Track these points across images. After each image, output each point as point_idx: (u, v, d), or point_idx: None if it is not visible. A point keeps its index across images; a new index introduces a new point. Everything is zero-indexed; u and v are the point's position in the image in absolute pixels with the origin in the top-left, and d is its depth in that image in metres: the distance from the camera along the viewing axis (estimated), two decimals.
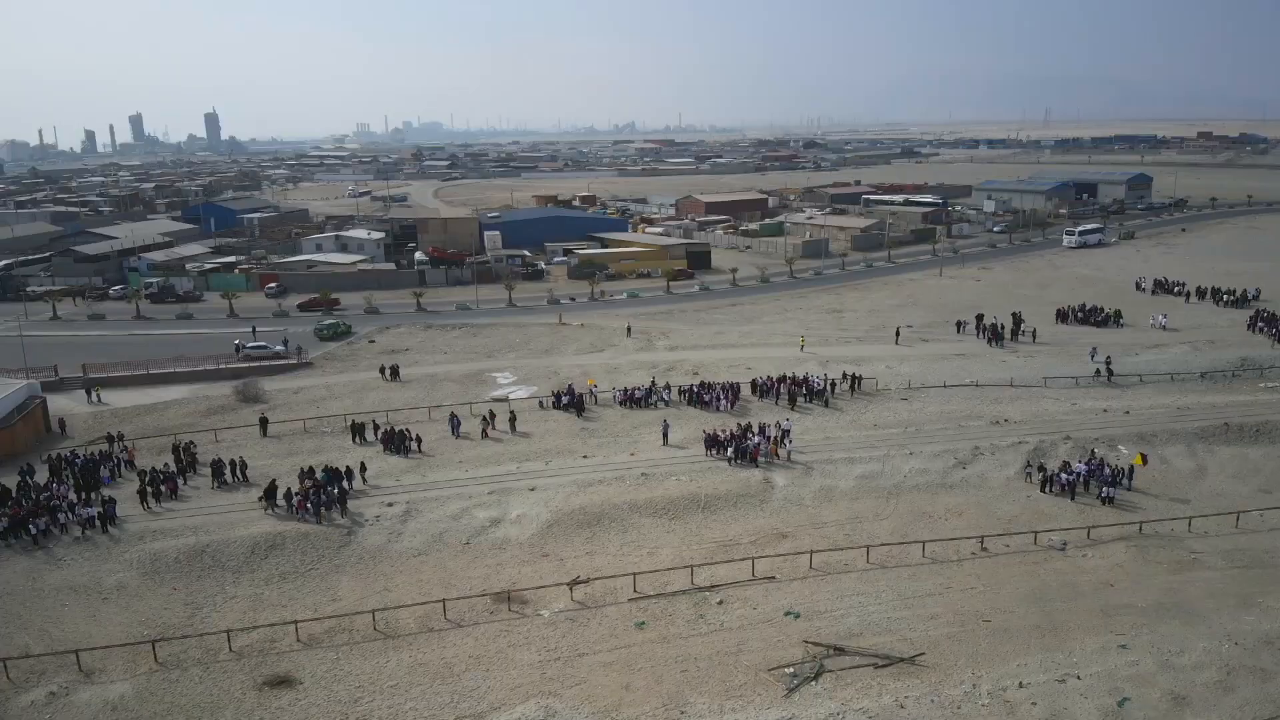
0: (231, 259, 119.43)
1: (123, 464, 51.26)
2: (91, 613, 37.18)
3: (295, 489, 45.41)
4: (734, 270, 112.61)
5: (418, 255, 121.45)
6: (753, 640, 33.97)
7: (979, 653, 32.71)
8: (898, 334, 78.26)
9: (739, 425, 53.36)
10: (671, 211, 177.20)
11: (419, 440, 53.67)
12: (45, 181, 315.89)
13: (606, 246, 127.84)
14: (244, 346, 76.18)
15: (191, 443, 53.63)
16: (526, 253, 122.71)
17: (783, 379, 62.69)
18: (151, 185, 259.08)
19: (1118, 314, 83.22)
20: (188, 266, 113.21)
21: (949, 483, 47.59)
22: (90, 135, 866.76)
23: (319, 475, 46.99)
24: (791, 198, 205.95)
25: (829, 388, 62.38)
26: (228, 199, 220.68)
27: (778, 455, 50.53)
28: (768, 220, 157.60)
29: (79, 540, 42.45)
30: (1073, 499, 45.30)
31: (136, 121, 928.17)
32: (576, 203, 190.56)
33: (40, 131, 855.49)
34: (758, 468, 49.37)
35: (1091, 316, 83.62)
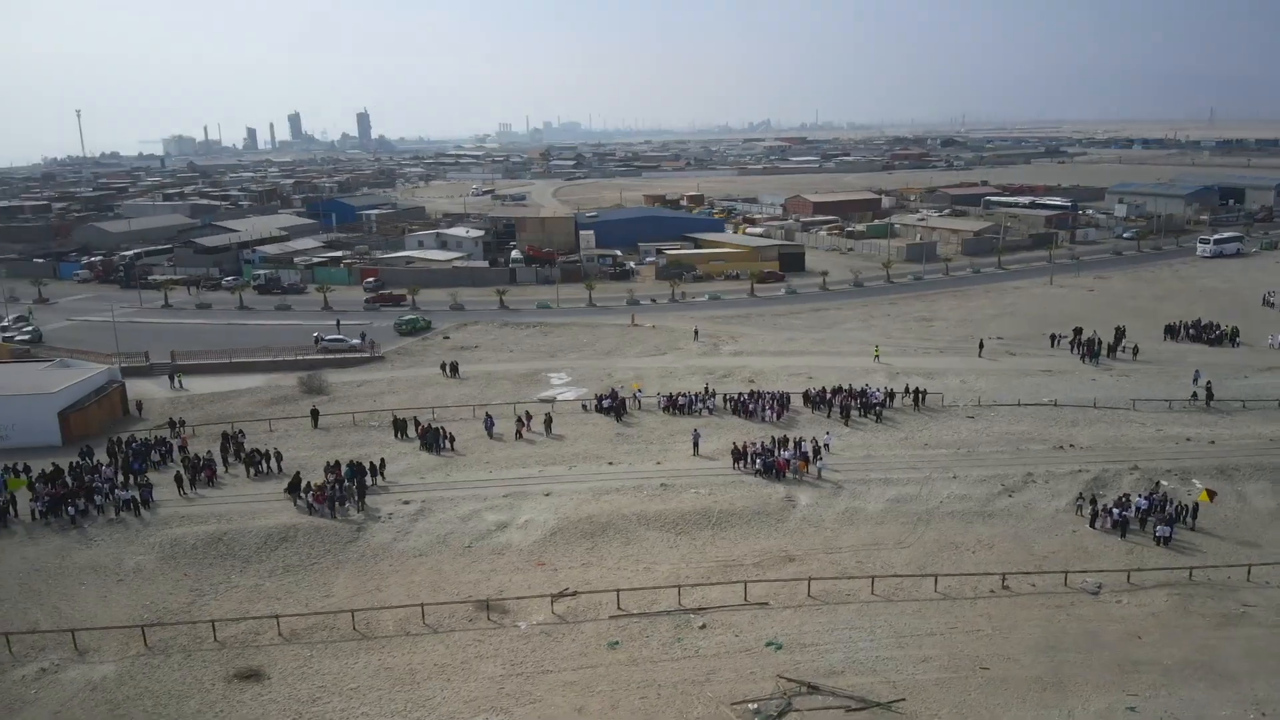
0: (338, 254, 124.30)
1: (174, 449, 53.57)
2: (104, 593, 38.89)
3: (320, 482, 46.33)
4: (824, 274, 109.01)
5: (514, 254, 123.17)
6: (724, 670, 32.20)
7: (966, 703, 29.92)
8: (980, 346, 73.61)
9: (772, 438, 51.18)
10: (779, 211, 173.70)
11: (452, 439, 53.97)
12: (200, 175, 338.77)
13: (699, 247, 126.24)
14: (322, 339, 78.87)
15: (240, 431, 55.69)
16: (618, 252, 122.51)
17: (837, 390, 59.81)
18: (291, 181, 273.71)
19: (1234, 332, 75.63)
20: (295, 260, 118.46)
21: (988, 511, 44.06)
22: (251, 133, 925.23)
23: (343, 470, 47.82)
24: (912, 198, 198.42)
25: (887, 401, 59.17)
26: (360, 195, 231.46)
27: (807, 471, 48.15)
28: (876, 221, 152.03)
29: (112, 522, 44.59)
30: (1123, 537, 41.10)
31: (295, 120, 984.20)
32: (684, 202, 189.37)
33: (205, 128, 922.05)
34: (784, 484, 47.15)
35: (1204, 334, 76.37)
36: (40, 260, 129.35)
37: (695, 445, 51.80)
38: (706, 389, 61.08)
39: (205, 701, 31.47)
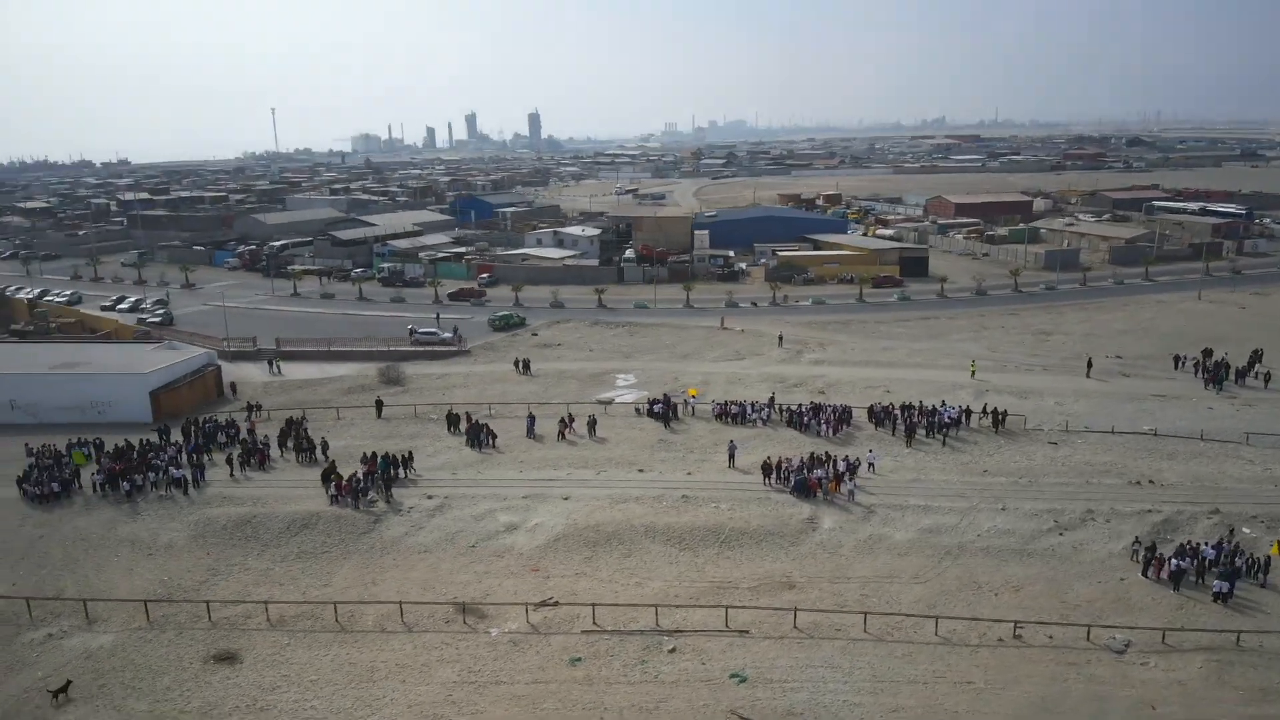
0: (462, 250, 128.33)
1: (241, 432, 56.39)
2: (131, 566, 41.32)
3: (351, 473, 47.60)
4: (943, 280, 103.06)
5: (628, 253, 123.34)
6: (677, 700, 30.55)
7: None
8: (1089, 365, 67.27)
9: (811, 455, 48.52)
10: (919, 212, 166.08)
11: (494, 436, 54.26)
12: (371, 172, 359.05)
13: (819, 249, 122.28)
14: (416, 331, 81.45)
15: (304, 418, 58.13)
16: (731, 253, 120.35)
17: (906, 407, 56.08)
18: (449, 179, 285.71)
19: None
20: (420, 254, 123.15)
21: (1029, 549, 39.95)
22: (430, 132, 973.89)
23: (377, 461, 48.94)
24: (1072, 200, 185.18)
25: (962, 421, 55.03)
26: (507, 193, 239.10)
27: (838, 492, 45.32)
28: (1020, 225, 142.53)
29: (162, 498, 47.38)
30: (1177, 589, 36.23)
31: (471, 120, 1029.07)
32: (820, 202, 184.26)
33: (389, 127, 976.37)
34: (812, 504, 44.52)
35: None
36: (200, 248, 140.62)
37: (731, 457, 49.81)
38: (773, 400, 58.60)
39: (177, 679, 32.74)
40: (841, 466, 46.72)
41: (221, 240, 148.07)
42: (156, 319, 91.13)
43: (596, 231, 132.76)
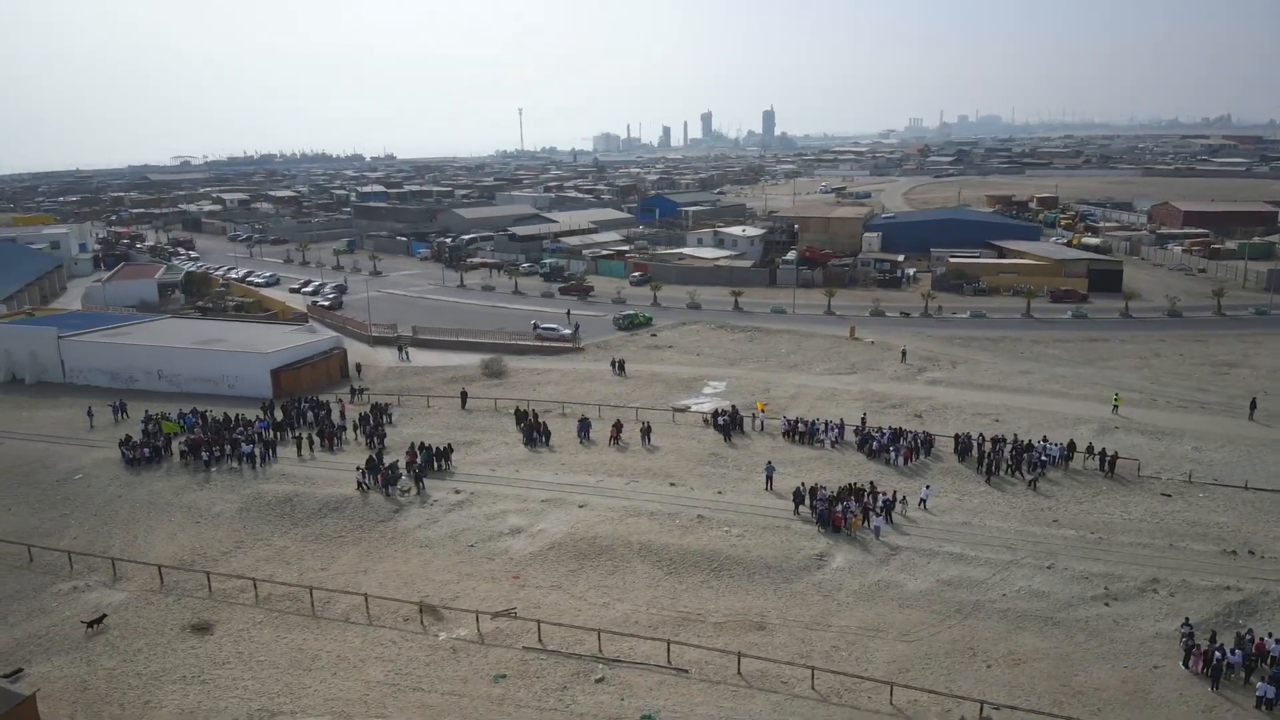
0: (625, 248, 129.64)
1: (334, 413, 59.74)
2: (176, 531, 44.94)
3: (392, 461, 49.24)
4: (1129, 297, 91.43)
5: (790, 254, 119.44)
6: None
7: None
8: (1253, 406, 57.11)
9: (849, 485, 44.46)
10: (1143, 219, 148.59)
11: (548, 436, 54.15)
12: (596, 170, 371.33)
13: (1002, 256, 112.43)
14: (539, 326, 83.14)
15: (389, 404, 60.86)
16: (901, 257, 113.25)
17: (999, 441, 50.15)
18: (657, 177, 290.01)
19: None
20: (584, 252, 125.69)
21: (1059, 618, 34.32)
22: (666, 131, 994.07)
23: (419, 452, 50.27)
24: None
25: (1060, 461, 48.55)
26: (714, 191, 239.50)
27: (862, 527, 41.21)
28: (1258, 239, 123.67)
29: (232, 471, 51.18)
30: (1216, 687, 29.72)
31: (706, 119, 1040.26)
32: (1033, 205, 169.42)
33: (628, 127, 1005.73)
34: (834, 538, 40.76)
35: None
36: (403, 239, 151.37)
37: (769, 480, 46.63)
38: (863, 421, 54.24)
39: (151, 642, 35.13)
40: (880, 500, 42.45)
41: (423, 232, 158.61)
42: (326, 303, 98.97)
43: (759, 232, 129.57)
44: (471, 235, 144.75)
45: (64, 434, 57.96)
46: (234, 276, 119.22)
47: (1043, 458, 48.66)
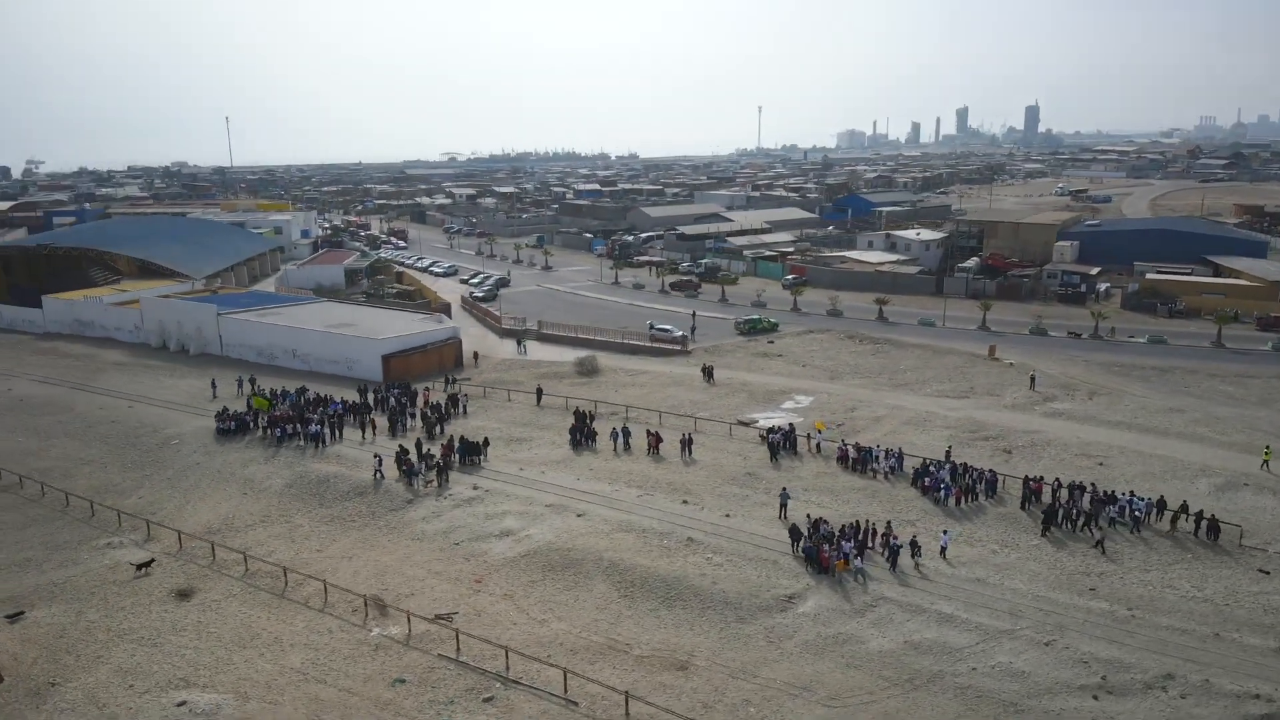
0: (788, 249, 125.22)
1: (410, 402, 62.17)
2: (221, 500, 48.40)
3: (428, 452, 50.37)
4: None
5: (970, 261, 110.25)
6: None
7: None
8: None
9: (854, 523, 40.04)
10: None
11: (593, 438, 53.28)
12: (821, 168, 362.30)
13: (1219, 274, 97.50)
14: (653, 326, 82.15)
15: (466, 395, 62.42)
16: (1094, 270, 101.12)
17: (1077, 488, 43.40)
18: (873, 174, 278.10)
19: None
20: (745, 252, 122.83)
21: (1026, 707, 28.89)
22: (915, 127, 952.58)
23: (454, 445, 51.05)
24: None
25: (1146, 519, 41.30)
26: (943, 191, 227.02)
27: (846, 570, 36.95)
28: None
29: (299, 449, 54.42)
30: None
31: (962, 115, 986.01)
32: None
33: (874, 123, 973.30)
34: (818, 578, 36.89)
35: None
36: (588, 235, 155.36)
37: (782, 508, 42.97)
38: (948, 454, 48.85)
39: (137, 601, 37.98)
40: (890, 543, 37.95)
41: (610, 230, 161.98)
42: (480, 294, 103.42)
43: (937, 236, 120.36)
44: (647, 234, 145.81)
45: (187, 402, 64.24)
46: (419, 266, 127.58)
47: (1129, 513, 41.47)
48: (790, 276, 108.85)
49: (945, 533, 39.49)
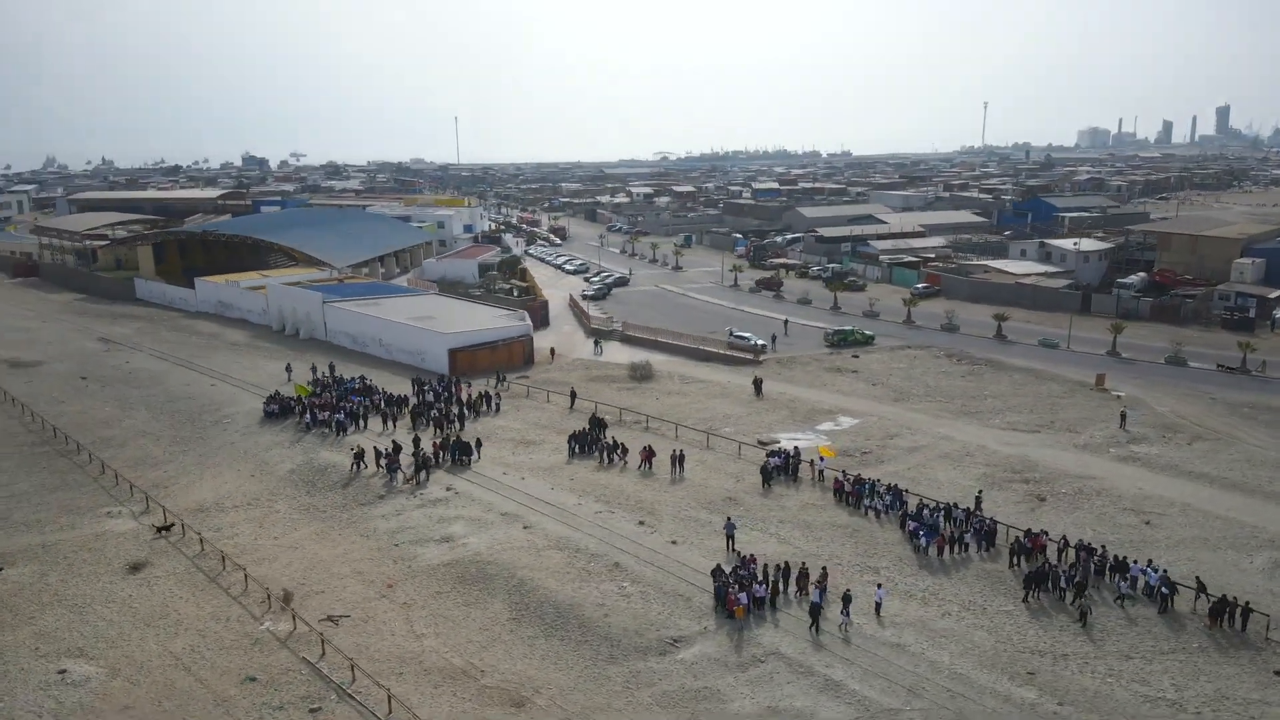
0: (930, 255, 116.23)
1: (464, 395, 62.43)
2: (226, 480, 50.65)
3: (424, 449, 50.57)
4: None
5: (1133, 277, 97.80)
6: None
7: None
8: None
9: (781, 564, 35.91)
10: None
11: (589, 448, 51.44)
12: (1040, 167, 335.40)
13: None
14: (731, 333, 78.74)
15: (499, 394, 62.28)
16: (1272, 294, 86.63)
17: (1084, 549, 37.02)
18: (1084, 177, 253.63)
19: None
20: (880, 258, 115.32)
21: None
22: (1166, 126, 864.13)
23: (449, 444, 50.90)
24: None
25: (1156, 595, 34.57)
26: (1163, 197, 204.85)
27: (743, 618, 33.15)
28: None
29: (324, 435, 56.26)
30: None
31: (1223, 113, 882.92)
32: None
33: (1120, 121, 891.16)
34: (722, 622, 33.43)
35: None
36: (738, 235, 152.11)
37: (729, 540, 39.38)
38: (978, 499, 43.08)
39: (95, 569, 40.28)
40: (813, 592, 33.93)
41: (765, 230, 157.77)
42: (589, 293, 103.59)
43: (1101, 246, 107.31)
44: (794, 235, 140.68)
45: (263, 384, 68.13)
46: (553, 262, 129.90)
47: (1124, 586, 34.84)
48: (920, 285, 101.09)
49: (879, 587, 34.57)
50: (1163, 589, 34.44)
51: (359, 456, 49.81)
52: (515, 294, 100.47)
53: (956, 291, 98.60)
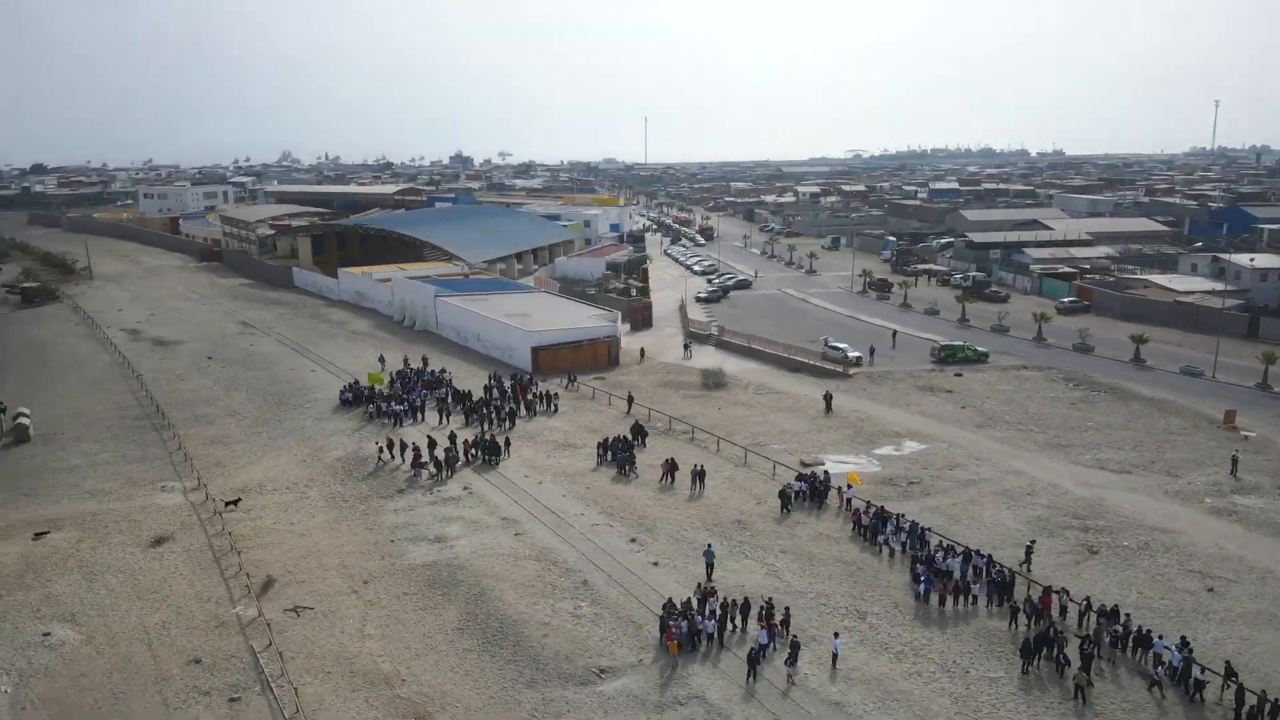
0: (1087, 267, 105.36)
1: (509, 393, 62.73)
2: (277, 463, 52.93)
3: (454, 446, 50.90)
4: None
5: None
6: None
7: None
8: None
9: (745, 598, 33.00)
10: None
11: (616, 454, 49.97)
12: (1271, 173, 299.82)
13: None
14: (827, 344, 74.60)
15: (556, 394, 61.83)
16: None
17: (1108, 615, 32.06)
18: None
19: None
20: (1032, 268, 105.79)
21: None
22: None
23: (480, 444, 50.92)
24: None
25: (1175, 676, 29.38)
26: None
27: (678, 652, 30.69)
28: None
29: (383, 425, 57.71)
30: None
31: None
32: None
33: None
34: (656, 653, 31.24)
35: None
36: (892, 238, 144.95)
37: (709, 569, 36.80)
38: (1028, 550, 38.13)
39: (122, 541, 42.55)
40: (762, 638, 31.06)
41: (924, 233, 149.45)
42: (704, 295, 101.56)
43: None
44: (945, 240, 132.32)
45: (357, 372, 70.87)
46: (685, 263, 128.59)
47: (1169, 665, 29.68)
48: (1067, 299, 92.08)
49: (836, 636, 31.04)
50: (1192, 672, 29.00)
51: (388, 447, 50.73)
52: (633, 294, 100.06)
53: (1108, 307, 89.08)
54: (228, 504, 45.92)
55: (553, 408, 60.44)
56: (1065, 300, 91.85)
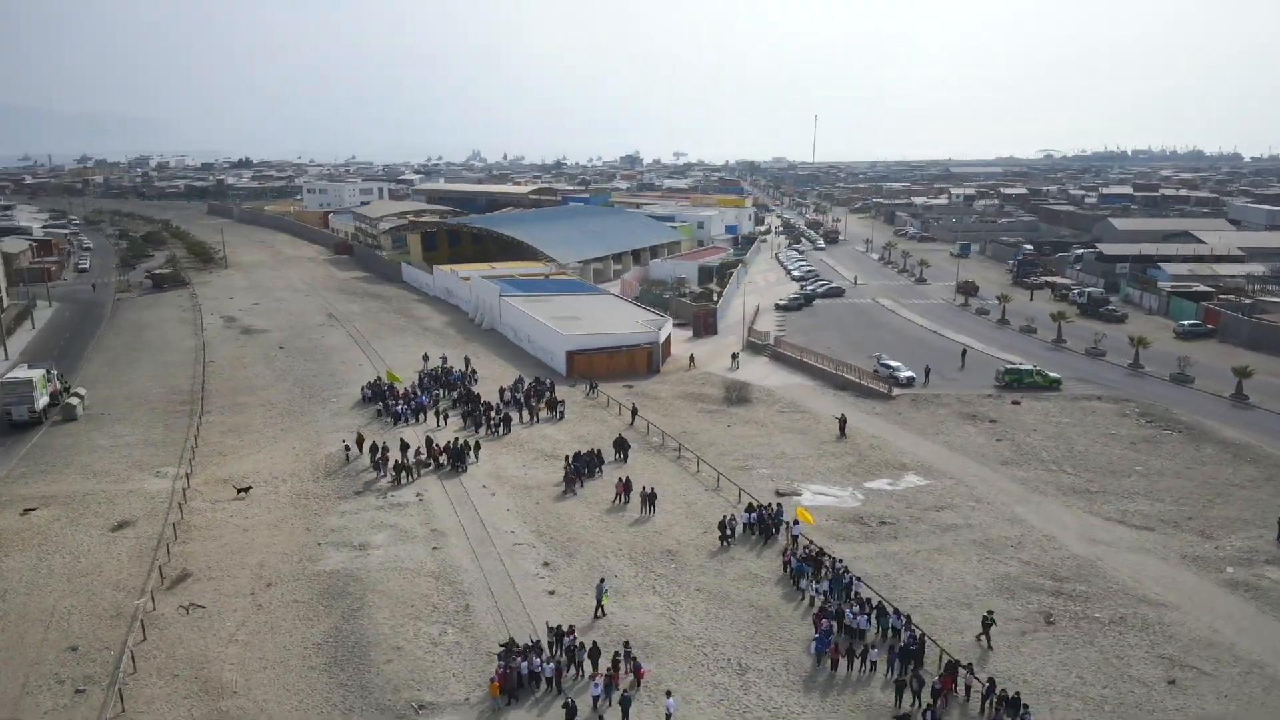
0: (1218, 287, 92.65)
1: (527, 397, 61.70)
2: (277, 455, 54.13)
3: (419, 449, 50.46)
4: None
5: None
6: None
7: None
8: None
9: (583, 643, 30.18)
10: None
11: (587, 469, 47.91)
12: None
13: None
14: (880, 361, 69.17)
15: (563, 401, 60.18)
16: None
17: (994, 683, 27.38)
18: None
19: None
20: (1160, 284, 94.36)
21: None
22: None
23: (450, 447, 50.14)
24: None
25: None
26: None
27: (498, 696, 28.32)
28: None
29: (387, 423, 58.05)
30: None
31: None
32: None
33: None
34: (508, 694, 29.21)
35: None
36: (1026, 245, 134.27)
37: (597, 604, 34.16)
38: (985, 621, 33.85)
39: (88, 524, 44.35)
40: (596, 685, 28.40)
41: (1067, 243, 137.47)
42: (783, 302, 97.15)
43: None
44: (1080, 251, 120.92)
45: (399, 369, 72.03)
46: (787, 266, 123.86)
47: None
48: (1188, 323, 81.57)
49: (669, 696, 27.78)
50: None
51: (356, 444, 50.85)
52: (714, 299, 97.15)
53: (1234, 333, 78.26)
54: (239, 491, 47.18)
55: (558, 414, 58.94)
56: (1185, 324, 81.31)
